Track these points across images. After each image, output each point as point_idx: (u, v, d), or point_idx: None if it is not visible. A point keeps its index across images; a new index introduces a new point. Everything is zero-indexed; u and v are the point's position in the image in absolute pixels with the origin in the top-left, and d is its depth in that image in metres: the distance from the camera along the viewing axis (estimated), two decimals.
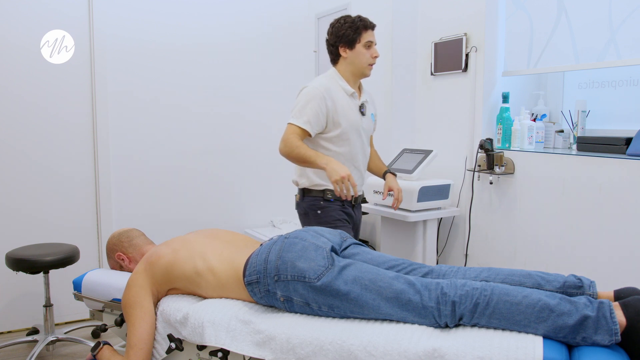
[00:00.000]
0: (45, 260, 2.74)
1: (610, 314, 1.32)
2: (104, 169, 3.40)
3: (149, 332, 1.75)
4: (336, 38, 2.40)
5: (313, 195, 2.44)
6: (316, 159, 2.21)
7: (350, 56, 2.39)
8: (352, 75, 2.42)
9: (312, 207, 2.44)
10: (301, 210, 2.51)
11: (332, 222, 2.38)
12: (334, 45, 2.42)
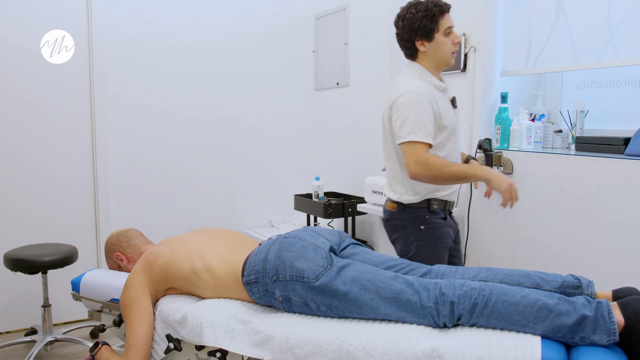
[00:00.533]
0: (43, 260, 2.73)
1: (608, 313, 1.32)
2: (103, 169, 3.40)
3: (148, 332, 1.75)
4: (411, 32, 2.06)
5: (416, 206, 2.10)
6: (475, 171, 1.92)
7: (431, 49, 2.07)
8: (436, 68, 2.12)
9: (415, 220, 2.11)
10: (398, 223, 2.16)
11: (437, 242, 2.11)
12: (409, 40, 2.08)
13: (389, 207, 2.19)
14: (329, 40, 3.86)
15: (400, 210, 2.12)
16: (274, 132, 4.08)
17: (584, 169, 2.28)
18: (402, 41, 2.12)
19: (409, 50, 2.12)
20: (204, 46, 3.71)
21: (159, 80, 3.57)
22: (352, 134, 3.65)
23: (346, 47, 3.63)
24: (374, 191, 2.91)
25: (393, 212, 2.15)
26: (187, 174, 3.73)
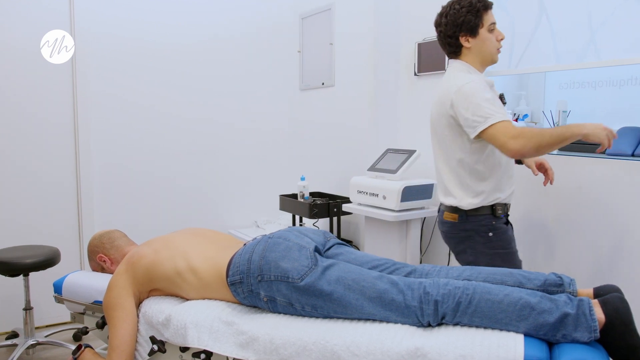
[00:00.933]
0: (25, 262, 2.70)
1: (589, 311, 1.34)
2: (86, 170, 3.36)
3: (131, 334, 1.73)
4: (455, 27, 2.00)
5: (480, 213, 1.99)
6: (570, 130, 1.74)
7: (475, 45, 2.01)
8: (481, 65, 2.06)
9: (481, 228, 2.00)
10: (462, 234, 2.04)
11: (508, 247, 2.03)
12: (453, 35, 2.02)
13: (449, 218, 2.05)
14: (314, 41, 3.86)
15: (462, 220, 2.01)
16: (259, 132, 4.07)
17: (566, 169, 2.30)
18: (445, 38, 2.05)
19: (452, 47, 2.06)
20: (188, 45, 3.69)
21: (142, 80, 3.54)
22: (338, 134, 3.65)
23: (331, 48, 3.64)
24: (359, 191, 2.91)
25: (455, 223, 2.03)
26: (172, 174, 3.71)
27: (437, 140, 2.09)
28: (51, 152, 3.28)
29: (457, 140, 1.98)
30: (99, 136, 3.41)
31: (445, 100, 1.98)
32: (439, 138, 2.07)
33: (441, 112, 2.02)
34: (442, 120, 2.02)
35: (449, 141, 2.02)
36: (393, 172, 2.77)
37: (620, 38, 2.22)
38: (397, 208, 2.69)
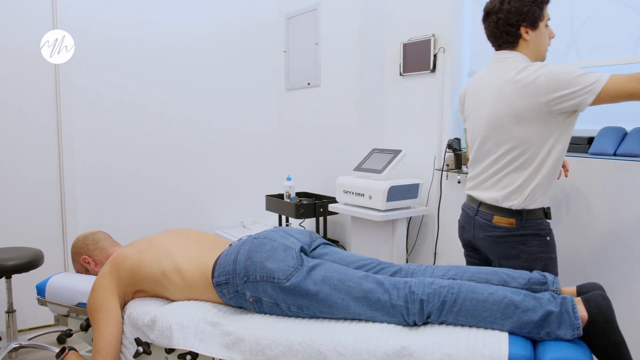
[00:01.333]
0: (7, 264, 2.66)
1: (572, 309, 1.36)
2: (69, 170, 3.33)
3: (116, 335, 1.72)
4: (519, 16, 1.86)
5: (539, 217, 1.88)
6: None
7: (533, 38, 1.90)
8: (536, 60, 1.93)
9: (540, 232, 1.88)
10: (518, 239, 1.88)
11: (555, 251, 1.94)
12: (515, 24, 1.88)
13: (503, 223, 1.88)
14: (299, 41, 3.86)
15: (520, 224, 1.86)
16: (245, 132, 4.06)
17: None
18: (504, 26, 1.89)
19: (510, 37, 1.90)
20: (173, 44, 3.67)
21: (127, 79, 3.51)
22: (324, 134, 3.66)
23: (317, 48, 3.64)
24: (345, 191, 2.92)
25: (511, 228, 1.87)
26: (157, 174, 3.68)
27: (510, 139, 1.83)
28: (33, 151, 3.23)
29: (549, 129, 1.79)
30: (83, 136, 3.38)
31: (528, 92, 1.77)
32: (517, 135, 1.81)
33: (524, 107, 1.78)
34: (529, 115, 1.78)
35: (539, 133, 1.79)
36: (379, 172, 2.78)
37: (601, 39, 2.26)
38: (383, 208, 2.70)
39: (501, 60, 1.92)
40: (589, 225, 2.19)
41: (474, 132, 1.97)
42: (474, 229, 1.99)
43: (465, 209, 2.05)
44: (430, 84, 2.91)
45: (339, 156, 3.51)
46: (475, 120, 1.97)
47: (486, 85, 1.92)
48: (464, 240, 2.10)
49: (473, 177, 2.01)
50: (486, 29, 1.96)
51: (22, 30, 3.13)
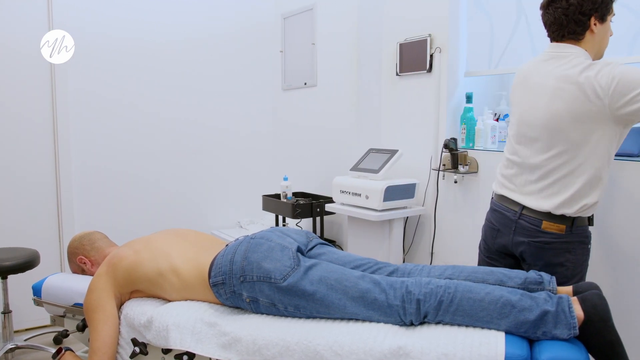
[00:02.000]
0: (3, 265, 2.65)
1: (569, 308, 1.36)
2: (66, 170, 3.32)
3: (112, 336, 1.71)
4: (593, 5, 1.72)
5: (584, 223, 1.81)
6: None
7: (600, 32, 1.76)
8: (595, 58, 1.80)
9: (583, 239, 1.81)
10: (565, 246, 1.78)
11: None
12: (587, 13, 1.73)
13: (553, 229, 1.76)
14: (296, 40, 3.86)
15: (568, 231, 1.76)
16: (241, 132, 4.05)
17: None
18: (576, 14, 1.73)
19: (579, 28, 1.74)
20: (169, 44, 3.66)
21: (123, 79, 3.50)
22: (320, 134, 3.66)
23: (313, 47, 3.64)
24: (341, 191, 2.92)
25: (560, 235, 1.77)
26: (153, 174, 3.67)
27: (566, 142, 1.71)
28: (29, 151, 3.22)
29: (608, 134, 1.67)
30: (79, 136, 3.37)
31: (590, 92, 1.64)
32: (574, 138, 1.69)
33: (587, 109, 1.65)
34: (590, 118, 1.66)
35: (597, 138, 1.67)
36: (375, 172, 2.78)
37: None
38: (379, 208, 2.70)
39: (560, 54, 1.76)
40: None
41: (520, 129, 1.83)
42: (515, 233, 1.84)
43: (502, 211, 1.89)
44: (426, 84, 2.91)
45: (336, 156, 3.51)
46: (522, 116, 1.82)
47: (539, 80, 1.78)
48: (495, 244, 1.94)
49: (512, 176, 1.87)
50: (549, 15, 1.79)
51: (17, 30, 3.12)
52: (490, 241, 1.97)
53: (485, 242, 2.00)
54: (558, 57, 1.76)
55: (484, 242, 2.02)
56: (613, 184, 2.09)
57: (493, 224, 1.94)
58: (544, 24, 1.83)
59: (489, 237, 1.97)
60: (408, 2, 3.01)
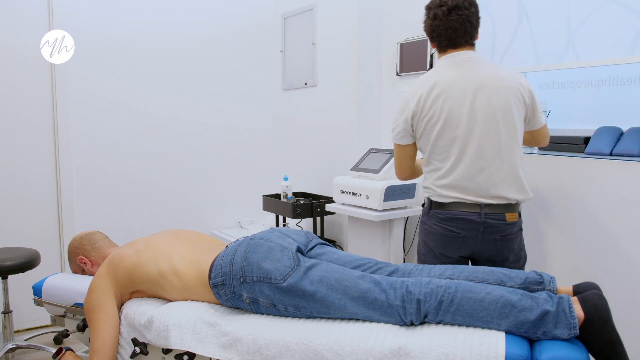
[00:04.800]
0: (3, 265, 2.65)
1: (569, 308, 1.36)
2: (66, 170, 3.32)
3: (113, 336, 1.71)
4: (478, 15, 1.90)
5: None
6: None
7: None
8: None
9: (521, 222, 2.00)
10: (519, 234, 1.97)
11: None
12: (478, 23, 1.92)
13: (513, 219, 1.89)
14: (296, 40, 3.86)
15: (519, 218, 1.92)
16: (242, 132, 4.05)
17: (547, 168, 2.34)
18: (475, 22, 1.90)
19: (473, 36, 1.93)
20: (170, 44, 3.67)
21: (123, 79, 3.51)
22: (321, 134, 3.66)
23: (314, 47, 3.64)
24: (342, 191, 2.92)
25: (517, 223, 1.92)
26: (154, 174, 3.68)
27: (509, 130, 1.85)
28: (30, 152, 3.23)
29: (521, 131, 1.90)
30: (79, 136, 3.37)
31: (518, 90, 1.86)
32: (511, 128, 1.86)
33: (515, 101, 1.85)
34: (517, 109, 1.86)
35: (520, 132, 1.89)
36: (376, 172, 2.78)
37: (598, 39, 2.26)
38: (380, 208, 2.70)
39: (470, 60, 1.90)
40: (585, 224, 2.20)
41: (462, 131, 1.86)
42: (483, 235, 1.88)
43: (465, 217, 1.89)
44: None
45: (336, 156, 3.51)
46: (464, 117, 1.85)
47: (468, 84, 1.85)
48: (461, 254, 1.94)
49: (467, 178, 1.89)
50: (450, 21, 1.86)
51: (17, 30, 3.12)
52: (454, 252, 1.95)
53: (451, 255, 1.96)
54: (469, 62, 1.91)
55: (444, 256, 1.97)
56: (613, 184, 2.09)
57: (456, 234, 1.92)
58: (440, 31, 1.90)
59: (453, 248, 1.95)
60: (408, 2, 3.01)
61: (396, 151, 2.05)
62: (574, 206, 2.24)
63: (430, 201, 1.98)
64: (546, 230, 2.36)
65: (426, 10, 1.96)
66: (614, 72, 2.33)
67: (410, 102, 1.93)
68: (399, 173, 2.11)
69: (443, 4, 1.87)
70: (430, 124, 1.90)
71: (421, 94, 1.90)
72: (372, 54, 3.23)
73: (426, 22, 1.97)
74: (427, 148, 1.95)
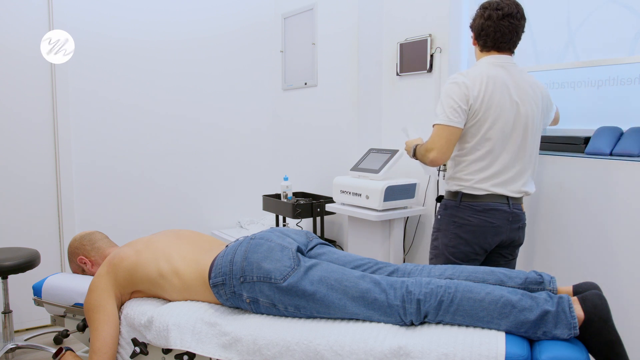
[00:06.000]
0: (3, 265, 2.65)
1: (569, 308, 1.36)
2: (66, 170, 3.32)
3: (113, 336, 1.71)
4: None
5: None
6: None
7: None
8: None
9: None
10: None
11: None
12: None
13: (523, 209, 2.13)
14: (296, 40, 3.86)
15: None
16: (241, 132, 4.05)
17: (547, 168, 2.34)
18: (520, 33, 2.06)
19: (516, 45, 2.10)
20: (170, 44, 3.66)
21: (123, 78, 3.50)
22: (321, 134, 3.66)
23: (314, 47, 3.64)
24: (342, 191, 2.92)
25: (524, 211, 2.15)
26: (154, 174, 3.67)
27: (537, 133, 2.09)
28: (30, 151, 3.22)
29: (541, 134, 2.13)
30: (79, 136, 3.37)
31: (542, 95, 2.08)
32: (538, 131, 2.09)
33: (543, 108, 2.09)
34: (543, 115, 2.11)
35: (540, 135, 2.13)
36: (376, 172, 2.78)
37: (597, 39, 2.26)
38: (380, 208, 2.70)
39: (514, 65, 2.05)
40: (585, 224, 2.20)
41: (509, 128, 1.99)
42: (511, 223, 2.06)
43: (499, 208, 2.03)
44: (426, 84, 2.91)
45: (336, 156, 3.51)
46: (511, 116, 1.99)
47: (515, 87, 2.00)
48: (496, 242, 2.07)
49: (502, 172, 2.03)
50: (501, 26, 1.99)
51: (17, 30, 3.12)
52: (488, 242, 2.07)
53: (484, 245, 2.07)
54: (514, 66, 2.06)
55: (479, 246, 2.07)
56: (613, 184, 2.09)
57: (491, 224, 2.04)
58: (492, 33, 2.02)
59: (488, 239, 2.06)
60: (408, 2, 3.01)
61: (444, 133, 1.98)
62: (574, 206, 2.24)
63: (461, 193, 2.05)
64: (546, 230, 2.36)
65: (481, 9, 2.06)
66: (614, 72, 2.33)
67: (471, 87, 1.97)
68: (440, 157, 1.99)
69: (500, 8, 1.99)
70: (486, 114, 1.98)
71: (481, 81, 1.97)
72: (372, 54, 3.23)
73: (477, 19, 2.07)
74: (476, 138, 2.01)
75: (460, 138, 2.04)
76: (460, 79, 1.99)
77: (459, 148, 2.06)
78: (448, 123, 1.96)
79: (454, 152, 2.09)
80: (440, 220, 2.15)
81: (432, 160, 1.99)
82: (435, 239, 2.16)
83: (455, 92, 1.97)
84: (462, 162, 2.06)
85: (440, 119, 1.98)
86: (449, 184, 2.13)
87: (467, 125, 2.00)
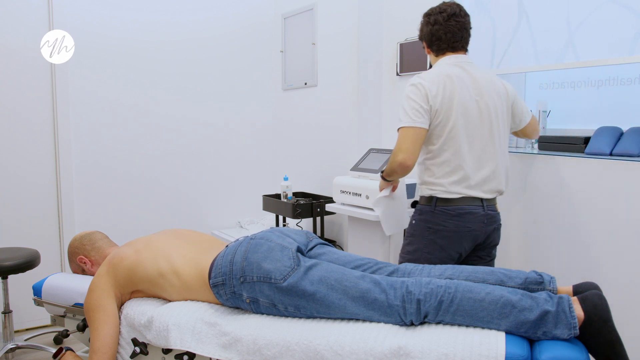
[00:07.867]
0: (3, 265, 2.65)
1: (569, 308, 1.36)
2: (66, 169, 3.32)
3: (113, 336, 1.71)
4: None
5: None
6: None
7: None
8: None
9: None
10: None
11: None
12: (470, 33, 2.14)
13: (497, 209, 2.11)
14: (296, 40, 3.86)
15: None
16: (242, 132, 4.06)
17: (547, 167, 2.34)
18: (468, 30, 2.12)
19: (468, 42, 2.14)
20: (170, 44, 3.67)
21: (123, 78, 3.51)
22: (321, 134, 3.66)
23: (314, 47, 3.64)
24: (342, 191, 2.92)
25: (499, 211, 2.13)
26: (154, 174, 3.68)
27: (504, 129, 2.09)
28: (30, 151, 3.23)
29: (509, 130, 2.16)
30: (79, 135, 3.37)
31: (506, 92, 2.10)
32: (505, 127, 2.09)
33: (504, 102, 2.08)
34: (507, 109, 2.10)
35: (509, 130, 2.14)
36: (376, 172, 2.78)
37: (598, 39, 2.26)
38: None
39: (470, 64, 2.07)
40: (585, 224, 2.20)
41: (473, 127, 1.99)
42: (486, 226, 2.04)
43: (473, 211, 2.00)
44: None
45: (336, 156, 3.51)
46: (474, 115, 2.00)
47: (474, 85, 2.01)
48: (470, 246, 2.06)
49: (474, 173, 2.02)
50: (450, 26, 2.05)
51: (17, 30, 3.13)
52: (464, 246, 2.05)
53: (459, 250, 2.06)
54: (470, 65, 2.07)
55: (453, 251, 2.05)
56: (613, 184, 2.09)
57: (468, 227, 2.02)
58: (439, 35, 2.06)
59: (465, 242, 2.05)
60: (408, 2, 3.01)
61: (409, 134, 1.97)
62: (574, 206, 2.24)
63: (436, 198, 2.02)
64: (546, 230, 2.36)
65: (425, 17, 2.12)
66: (614, 72, 2.33)
67: (429, 87, 1.97)
68: (408, 158, 1.95)
69: (443, 10, 2.06)
70: (448, 112, 1.97)
71: (438, 81, 1.99)
72: (372, 54, 3.23)
73: (424, 28, 2.12)
74: (441, 138, 1.99)
75: (427, 141, 2.02)
76: (418, 80, 2.00)
77: (427, 151, 2.04)
78: (412, 124, 1.95)
79: (423, 156, 2.07)
80: (414, 225, 2.12)
81: (400, 162, 1.95)
82: (409, 244, 2.13)
83: (414, 93, 1.98)
84: (432, 165, 2.03)
85: (403, 121, 1.97)
86: (422, 189, 2.11)
87: (432, 126, 1.99)
